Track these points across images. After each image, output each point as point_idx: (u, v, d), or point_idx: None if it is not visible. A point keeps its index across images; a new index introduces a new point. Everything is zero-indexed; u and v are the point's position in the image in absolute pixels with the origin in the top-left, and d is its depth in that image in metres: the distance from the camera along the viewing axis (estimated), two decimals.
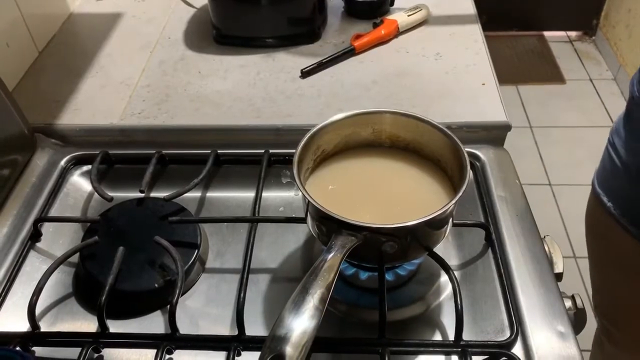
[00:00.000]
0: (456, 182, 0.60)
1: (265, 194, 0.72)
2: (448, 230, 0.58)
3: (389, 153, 0.66)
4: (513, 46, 2.67)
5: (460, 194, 0.53)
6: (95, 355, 0.59)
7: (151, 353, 0.57)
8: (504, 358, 0.55)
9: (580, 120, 2.26)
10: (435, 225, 0.55)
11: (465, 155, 0.57)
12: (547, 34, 2.77)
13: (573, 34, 2.77)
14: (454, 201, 0.53)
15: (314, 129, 0.61)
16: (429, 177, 0.63)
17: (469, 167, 0.56)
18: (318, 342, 0.56)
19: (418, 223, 0.51)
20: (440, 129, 0.61)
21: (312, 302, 0.46)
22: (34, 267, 0.67)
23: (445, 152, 0.61)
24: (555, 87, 2.47)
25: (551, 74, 2.54)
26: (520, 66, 2.51)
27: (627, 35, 2.45)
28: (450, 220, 0.57)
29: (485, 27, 1.00)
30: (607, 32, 2.63)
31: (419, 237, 0.55)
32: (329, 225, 0.54)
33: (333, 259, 0.50)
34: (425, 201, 0.61)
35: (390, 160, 0.66)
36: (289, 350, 0.43)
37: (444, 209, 0.53)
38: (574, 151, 2.13)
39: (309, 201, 0.54)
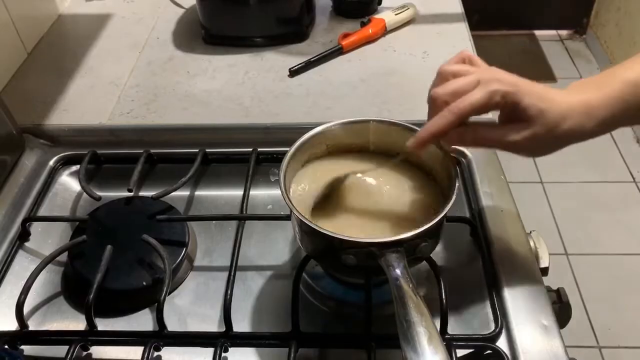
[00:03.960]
0: (444, 187, 0.59)
1: (253, 192, 0.72)
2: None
3: (377, 160, 0.65)
4: (504, 45, 2.68)
5: (450, 203, 0.53)
6: (84, 353, 0.59)
7: (139, 350, 0.57)
8: (489, 351, 0.56)
9: None
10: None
11: (453, 166, 0.57)
12: (538, 32, 2.78)
13: (564, 32, 2.78)
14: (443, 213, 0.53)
15: (298, 143, 0.60)
16: (416, 185, 0.63)
17: (457, 179, 0.56)
18: (305, 338, 0.57)
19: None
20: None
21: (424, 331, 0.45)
22: (23, 266, 0.67)
23: (435, 161, 0.61)
24: (547, 85, 2.48)
25: (542, 72, 2.55)
26: (512, 65, 2.47)
27: (617, 33, 2.46)
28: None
29: (476, 27, 1.00)
30: (597, 31, 2.65)
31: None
32: (355, 253, 0.53)
33: (404, 279, 0.49)
34: (412, 210, 0.61)
35: (378, 168, 0.64)
36: None
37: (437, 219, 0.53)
38: (565, 149, 2.13)
39: (319, 231, 0.52)
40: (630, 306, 1.64)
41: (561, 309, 0.65)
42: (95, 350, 0.59)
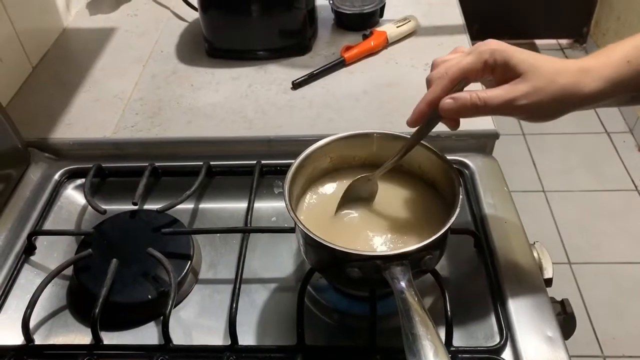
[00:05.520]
0: (447, 198, 0.60)
1: (258, 205, 0.73)
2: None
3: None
4: None
5: (454, 216, 0.54)
6: None
7: None
8: None
9: (572, 127, 2.27)
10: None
11: (457, 178, 0.57)
12: (538, 42, 2.79)
13: (564, 41, 2.79)
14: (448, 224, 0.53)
15: (302, 156, 0.61)
16: (420, 197, 0.63)
17: (460, 192, 0.56)
18: (310, 351, 0.57)
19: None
20: (434, 152, 0.61)
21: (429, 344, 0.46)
22: (28, 280, 0.67)
23: (437, 173, 0.62)
24: None
25: None
26: None
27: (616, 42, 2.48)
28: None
29: (476, 36, 1.00)
30: (597, 40, 2.66)
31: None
32: (359, 266, 0.53)
33: (409, 292, 0.49)
34: (418, 221, 0.61)
35: (383, 181, 0.64)
36: None
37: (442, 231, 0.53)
38: (567, 158, 2.14)
39: (324, 244, 0.53)
40: (634, 314, 1.63)
41: (566, 320, 0.65)
42: None
